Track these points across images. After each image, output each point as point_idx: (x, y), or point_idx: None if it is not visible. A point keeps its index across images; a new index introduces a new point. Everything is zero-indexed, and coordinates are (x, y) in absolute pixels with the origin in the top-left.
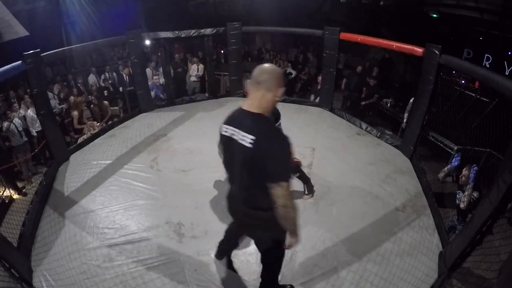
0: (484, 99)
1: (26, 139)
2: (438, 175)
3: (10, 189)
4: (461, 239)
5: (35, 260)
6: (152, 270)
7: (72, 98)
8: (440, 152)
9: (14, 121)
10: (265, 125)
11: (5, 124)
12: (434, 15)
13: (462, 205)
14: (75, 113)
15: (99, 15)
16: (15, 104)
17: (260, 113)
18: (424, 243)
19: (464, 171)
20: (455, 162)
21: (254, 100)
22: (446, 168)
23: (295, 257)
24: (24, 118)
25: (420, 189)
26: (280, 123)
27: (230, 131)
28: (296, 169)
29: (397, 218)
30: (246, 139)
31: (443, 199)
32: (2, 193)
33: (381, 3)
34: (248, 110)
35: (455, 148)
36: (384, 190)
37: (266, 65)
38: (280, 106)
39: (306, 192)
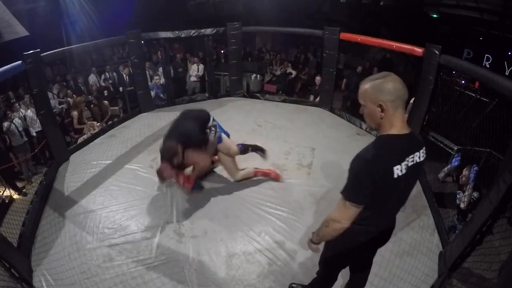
0: (484, 99)
1: (26, 139)
2: (438, 175)
3: (10, 189)
4: (461, 239)
5: (35, 260)
6: (152, 270)
7: (70, 98)
8: (440, 152)
9: (14, 121)
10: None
11: (5, 124)
12: (434, 15)
13: (462, 205)
14: (74, 113)
15: (99, 15)
16: (16, 104)
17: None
18: (424, 243)
19: (464, 171)
20: (455, 162)
21: (404, 121)
22: (446, 168)
23: (295, 257)
24: (24, 118)
25: (420, 189)
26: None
27: (409, 162)
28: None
29: (397, 218)
30: (424, 153)
31: (443, 199)
32: (2, 193)
33: (381, 3)
34: (408, 132)
35: (455, 148)
36: None
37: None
38: (280, 106)
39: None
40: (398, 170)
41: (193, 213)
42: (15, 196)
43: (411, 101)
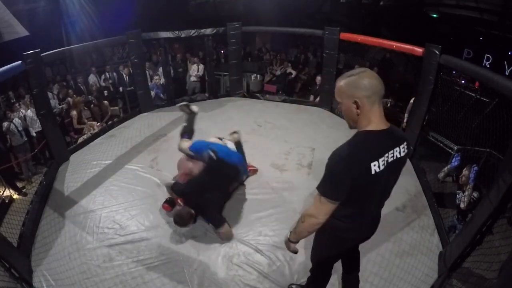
0: (484, 99)
1: (26, 139)
2: (438, 175)
3: (10, 189)
4: (461, 239)
5: (35, 260)
6: (152, 270)
7: (69, 98)
8: (440, 152)
9: (14, 121)
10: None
11: (5, 124)
12: (434, 15)
13: (462, 205)
14: (73, 113)
15: (99, 15)
16: (16, 104)
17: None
18: (424, 243)
19: (464, 171)
20: (455, 162)
21: (382, 117)
22: (446, 168)
23: (295, 257)
24: (24, 118)
25: (420, 189)
26: None
27: (389, 158)
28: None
29: (397, 218)
30: (404, 148)
31: (443, 199)
32: (2, 193)
33: (381, 3)
34: (386, 128)
35: (455, 148)
36: None
37: (373, 72)
38: (280, 106)
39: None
40: (376, 167)
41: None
42: (15, 196)
43: (411, 101)
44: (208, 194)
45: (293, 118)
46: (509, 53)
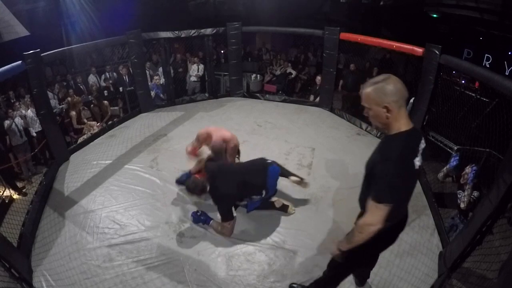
0: (484, 99)
1: (26, 139)
2: (438, 175)
3: (10, 189)
4: (461, 239)
5: (35, 260)
6: (152, 270)
7: (69, 98)
8: (440, 152)
9: (15, 120)
10: None
11: (7, 122)
12: (434, 15)
13: (462, 205)
14: (73, 113)
15: (99, 15)
16: (16, 103)
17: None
18: (424, 243)
19: (467, 169)
20: (453, 162)
21: (408, 117)
22: (445, 168)
23: (295, 257)
24: (24, 118)
25: (420, 189)
26: None
27: (420, 151)
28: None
29: None
30: (423, 140)
31: (443, 199)
32: (2, 193)
33: (381, 3)
34: (413, 126)
35: (455, 148)
36: None
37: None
38: (280, 106)
39: None
40: (417, 161)
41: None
42: (15, 196)
43: (411, 100)
44: (236, 187)
45: (293, 118)
46: (509, 53)
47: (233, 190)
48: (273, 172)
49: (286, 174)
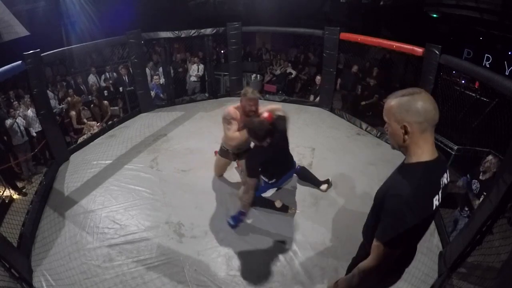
0: (484, 99)
1: (26, 138)
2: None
3: (10, 189)
4: (461, 239)
5: (35, 260)
6: (152, 270)
7: (69, 98)
8: (440, 152)
9: (17, 119)
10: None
11: (9, 121)
12: (434, 15)
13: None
14: (72, 113)
15: (99, 15)
16: (15, 103)
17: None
18: (424, 243)
19: (489, 158)
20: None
21: (433, 144)
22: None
23: (295, 257)
24: (24, 118)
25: None
26: None
27: (442, 187)
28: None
29: None
30: (448, 174)
31: (443, 199)
32: (2, 193)
33: (381, 3)
34: (438, 156)
35: (455, 148)
36: None
37: (426, 94)
38: (280, 106)
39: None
40: (436, 200)
41: (193, 213)
42: (15, 196)
43: None
44: (270, 155)
45: (293, 118)
46: (509, 53)
47: (267, 154)
48: (294, 170)
49: (313, 181)
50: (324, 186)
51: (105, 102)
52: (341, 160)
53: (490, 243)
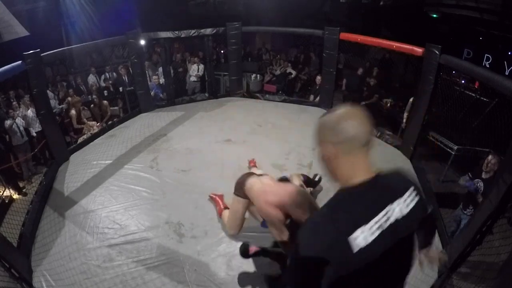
0: (484, 99)
1: (26, 138)
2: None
3: (10, 189)
4: (461, 239)
5: (35, 260)
6: (152, 270)
7: (69, 98)
8: (440, 152)
9: (16, 120)
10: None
11: (8, 122)
12: (434, 15)
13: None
14: (72, 113)
15: (99, 15)
16: (14, 103)
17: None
18: None
19: (490, 157)
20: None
21: (366, 165)
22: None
23: None
24: (24, 118)
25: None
26: None
27: (382, 222)
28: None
29: None
30: (411, 198)
31: (443, 199)
32: (2, 193)
33: (381, 3)
34: (374, 176)
35: (455, 148)
36: None
37: (354, 112)
38: (280, 106)
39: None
40: (359, 240)
41: (193, 213)
42: (15, 196)
43: (411, 100)
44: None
45: (293, 118)
46: (509, 53)
47: None
48: None
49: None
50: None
51: (105, 102)
52: None
53: (490, 243)
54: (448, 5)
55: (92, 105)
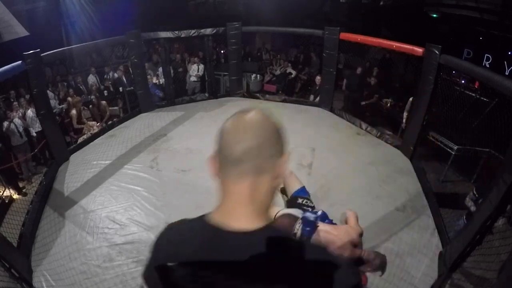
0: (484, 99)
1: (26, 139)
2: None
3: (10, 189)
4: (461, 239)
5: (35, 260)
6: None
7: (69, 98)
8: (440, 152)
9: (14, 120)
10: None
11: (5, 123)
12: (434, 15)
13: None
14: (73, 113)
15: (99, 15)
16: (15, 103)
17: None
18: (424, 243)
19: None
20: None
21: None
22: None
23: None
24: (24, 118)
25: (420, 189)
26: None
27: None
28: None
29: (397, 218)
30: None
31: (443, 199)
32: (2, 193)
33: (381, 3)
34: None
35: (455, 148)
36: (384, 190)
37: (250, 115)
38: (280, 106)
39: None
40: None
41: (193, 213)
42: (15, 196)
43: (410, 99)
44: None
45: (293, 118)
46: (509, 53)
47: None
48: None
49: None
50: None
51: (103, 102)
52: (341, 160)
53: (490, 243)
54: (448, 5)
55: (90, 106)
